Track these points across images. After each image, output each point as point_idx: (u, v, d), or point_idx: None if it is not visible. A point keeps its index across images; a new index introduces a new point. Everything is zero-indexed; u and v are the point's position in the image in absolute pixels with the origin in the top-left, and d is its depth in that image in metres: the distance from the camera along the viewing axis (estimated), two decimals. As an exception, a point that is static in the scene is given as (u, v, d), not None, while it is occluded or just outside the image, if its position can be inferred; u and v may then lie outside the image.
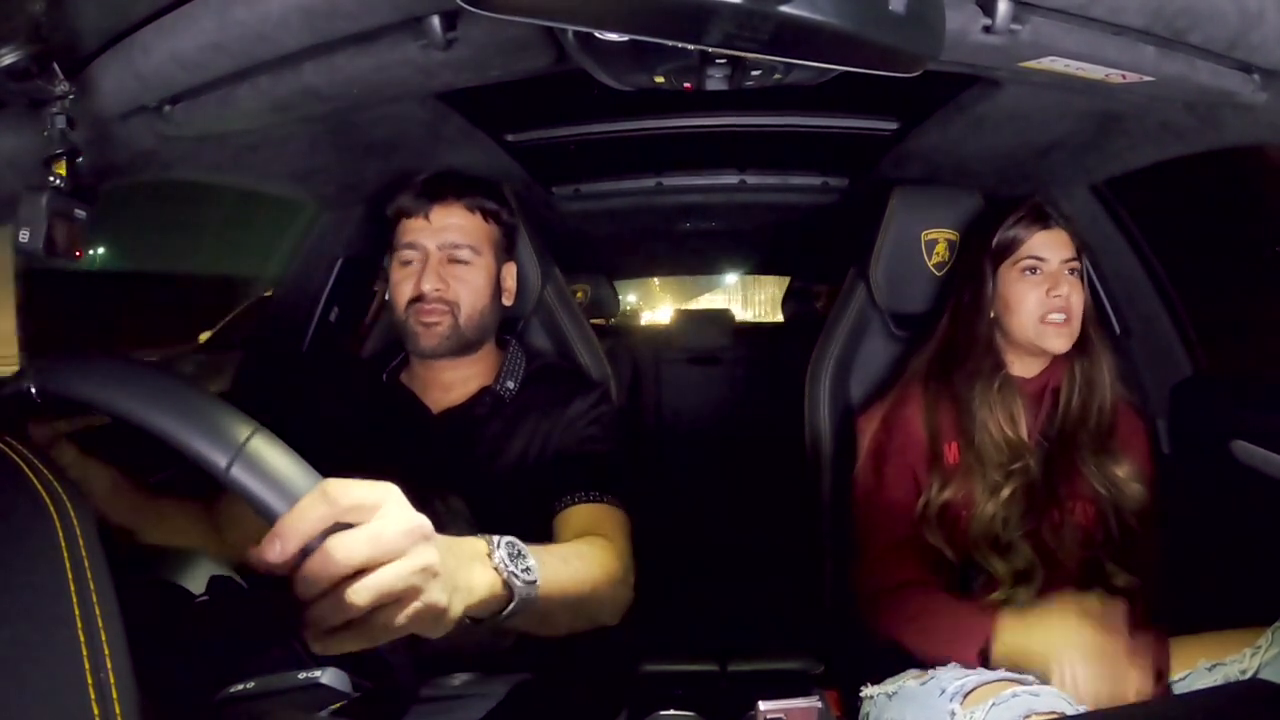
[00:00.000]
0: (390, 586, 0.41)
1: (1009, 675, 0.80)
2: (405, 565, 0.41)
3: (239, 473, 0.41)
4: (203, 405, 0.43)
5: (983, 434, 0.98)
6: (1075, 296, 0.99)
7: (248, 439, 0.42)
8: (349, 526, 0.41)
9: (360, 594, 0.40)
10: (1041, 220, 1.01)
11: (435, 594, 0.44)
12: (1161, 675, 0.85)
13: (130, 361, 0.45)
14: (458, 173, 1.05)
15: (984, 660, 0.85)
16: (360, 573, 0.40)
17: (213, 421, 0.42)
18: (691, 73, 0.62)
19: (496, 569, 0.54)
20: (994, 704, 0.73)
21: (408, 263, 0.97)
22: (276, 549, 0.39)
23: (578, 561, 0.70)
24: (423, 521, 0.44)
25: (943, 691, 0.80)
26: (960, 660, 0.86)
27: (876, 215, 1.25)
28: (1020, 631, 0.84)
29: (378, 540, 0.41)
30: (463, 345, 0.98)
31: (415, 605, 0.42)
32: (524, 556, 0.57)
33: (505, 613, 0.55)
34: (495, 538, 0.56)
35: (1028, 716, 0.70)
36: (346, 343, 1.45)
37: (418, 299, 0.95)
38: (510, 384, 1.02)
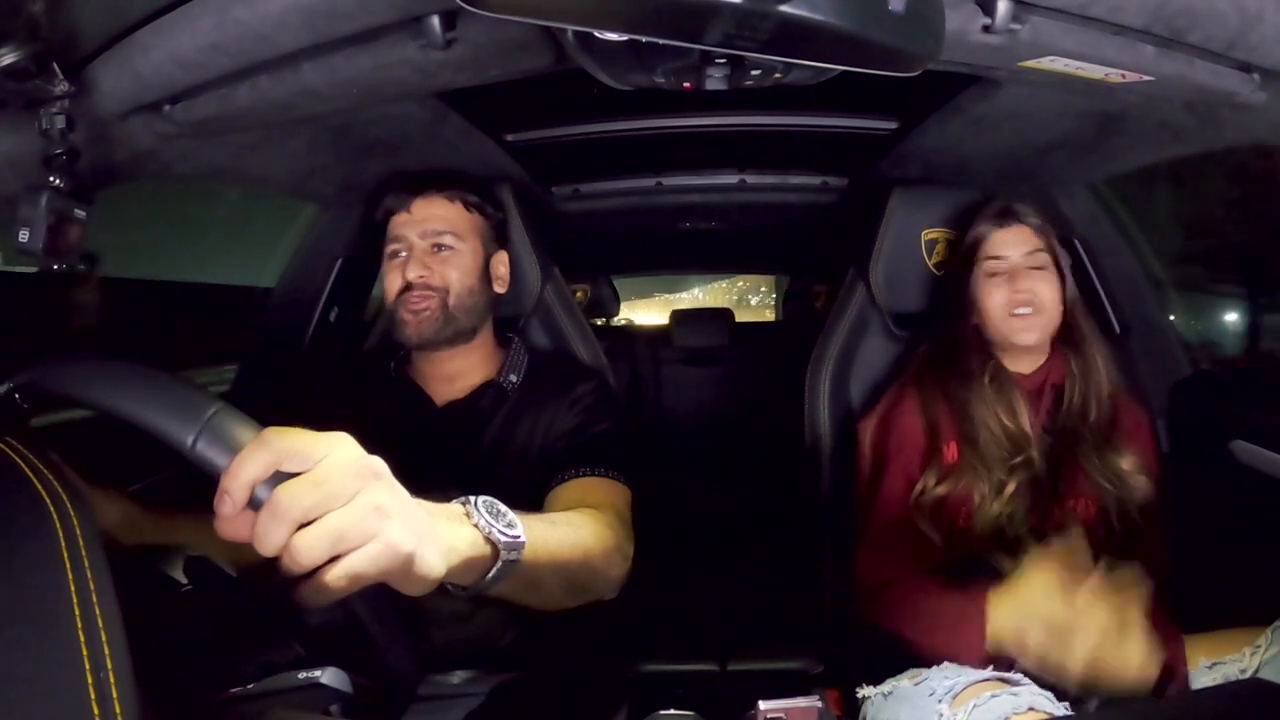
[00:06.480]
0: (341, 531, 0.39)
1: (997, 675, 0.80)
2: (354, 507, 0.40)
3: (204, 448, 0.41)
4: (165, 385, 0.43)
5: (984, 431, 0.98)
6: (1042, 288, 0.99)
7: (212, 415, 0.42)
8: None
9: (310, 541, 0.39)
10: (1000, 219, 1.03)
11: (394, 533, 0.41)
12: (1176, 669, 0.84)
13: (97, 355, 0.45)
14: (439, 169, 1.06)
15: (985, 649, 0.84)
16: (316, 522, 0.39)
17: (176, 399, 0.42)
18: (691, 72, 0.62)
19: (477, 526, 0.52)
20: (975, 705, 0.75)
21: (395, 255, 0.99)
22: (226, 505, 0.39)
23: (566, 527, 0.68)
24: (372, 461, 0.42)
25: (933, 692, 0.81)
26: (965, 651, 0.85)
27: (876, 215, 1.25)
28: (1001, 614, 0.83)
29: (322, 484, 0.39)
30: (454, 332, 0.98)
31: (375, 547, 0.40)
32: (504, 514, 0.55)
33: (492, 573, 0.53)
34: (471, 497, 0.54)
35: (1007, 718, 0.71)
36: (346, 343, 1.44)
37: (405, 288, 0.97)
38: (513, 377, 1.03)
